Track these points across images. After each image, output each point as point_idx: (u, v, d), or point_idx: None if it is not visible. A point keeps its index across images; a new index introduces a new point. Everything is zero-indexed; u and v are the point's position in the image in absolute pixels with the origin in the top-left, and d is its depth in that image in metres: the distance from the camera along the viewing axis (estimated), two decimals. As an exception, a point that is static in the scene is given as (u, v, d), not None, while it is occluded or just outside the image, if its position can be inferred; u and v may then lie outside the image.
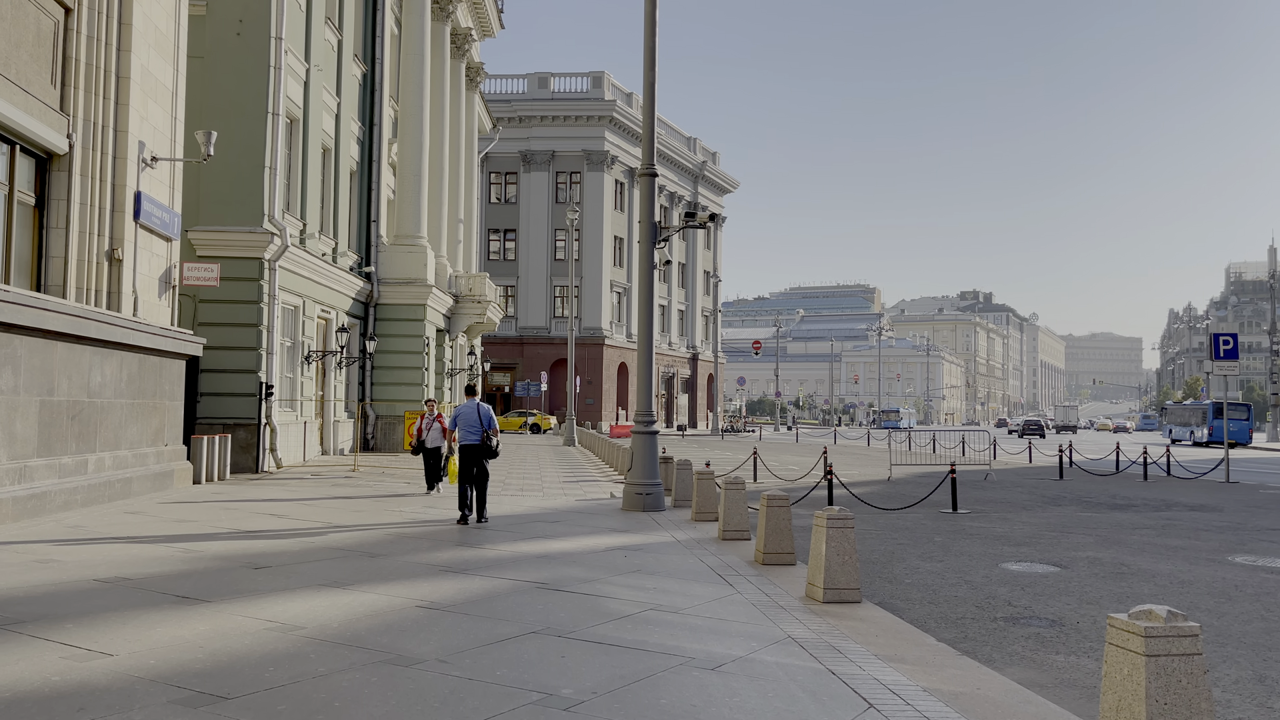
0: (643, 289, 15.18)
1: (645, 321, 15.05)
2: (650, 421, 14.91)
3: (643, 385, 14.99)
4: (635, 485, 14.81)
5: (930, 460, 29.15)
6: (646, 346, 15.00)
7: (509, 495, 17.80)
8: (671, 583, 8.89)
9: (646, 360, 14.96)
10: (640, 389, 15.00)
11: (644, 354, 15.00)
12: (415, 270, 30.62)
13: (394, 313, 30.57)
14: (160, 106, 16.60)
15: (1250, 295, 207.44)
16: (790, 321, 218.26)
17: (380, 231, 30.78)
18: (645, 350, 15.01)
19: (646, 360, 14.96)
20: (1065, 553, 12.30)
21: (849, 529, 8.20)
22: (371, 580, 8.55)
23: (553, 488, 19.98)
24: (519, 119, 67.20)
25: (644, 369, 14.99)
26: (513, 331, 66.92)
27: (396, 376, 30.41)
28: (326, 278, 26.20)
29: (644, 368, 14.99)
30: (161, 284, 16.82)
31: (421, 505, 15.21)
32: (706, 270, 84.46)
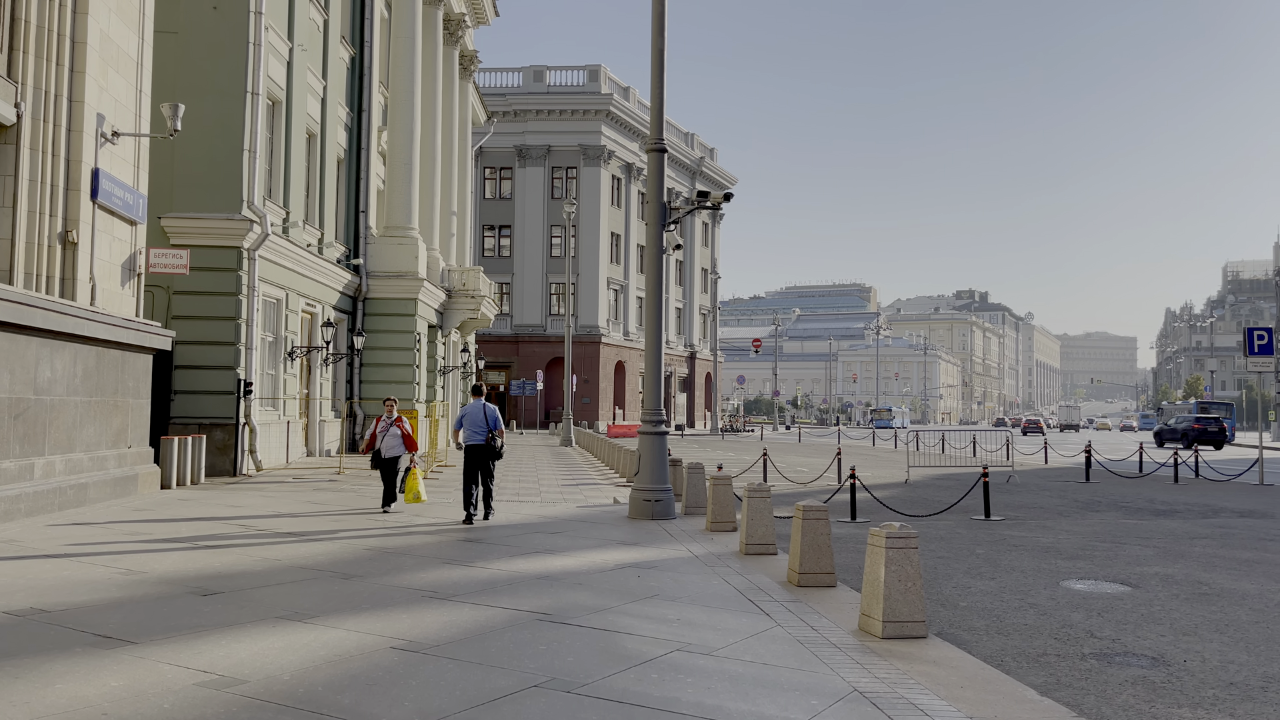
0: (650, 275, 13.82)
1: (653, 312, 13.70)
2: (659, 421, 13.55)
3: (651, 382, 13.62)
4: (643, 491, 13.45)
5: (944, 461, 27.83)
6: (655, 339, 13.64)
7: (504, 500, 16.46)
8: (697, 611, 7.53)
9: (655, 354, 13.60)
10: (648, 386, 13.63)
11: (652, 348, 13.64)
12: (406, 263, 29.22)
13: (383, 307, 29.18)
14: (123, 77, 15.19)
15: (1248, 294, 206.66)
16: (786, 321, 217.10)
17: (369, 222, 29.39)
18: (654, 343, 13.65)
19: (655, 354, 13.60)
20: (1128, 568, 10.97)
21: (912, 550, 6.84)
22: (340, 610, 7.18)
23: (551, 492, 18.62)
24: (514, 113, 65.77)
25: (652, 364, 13.63)
26: (508, 329, 65.50)
27: (386, 374, 29.02)
28: (311, 269, 24.81)
29: (652, 362, 13.63)
30: (124, 271, 15.41)
31: (410, 513, 13.83)
32: (704, 267, 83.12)
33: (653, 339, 13.65)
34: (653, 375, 13.59)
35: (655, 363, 13.58)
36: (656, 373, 13.57)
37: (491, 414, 12.79)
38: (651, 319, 13.66)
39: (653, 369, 13.60)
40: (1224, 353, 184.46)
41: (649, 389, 13.62)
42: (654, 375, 13.59)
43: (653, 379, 13.60)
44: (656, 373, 13.57)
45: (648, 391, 13.63)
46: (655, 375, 13.58)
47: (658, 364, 13.56)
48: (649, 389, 13.62)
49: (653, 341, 13.64)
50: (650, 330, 13.64)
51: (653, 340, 13.64)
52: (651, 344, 13.63)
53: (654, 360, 13.59)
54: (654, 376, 13.59)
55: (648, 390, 13.63)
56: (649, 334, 13.64)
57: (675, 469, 15.45)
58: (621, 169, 69.03)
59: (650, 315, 13.67)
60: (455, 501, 15.74)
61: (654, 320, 13.66)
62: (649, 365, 13.63)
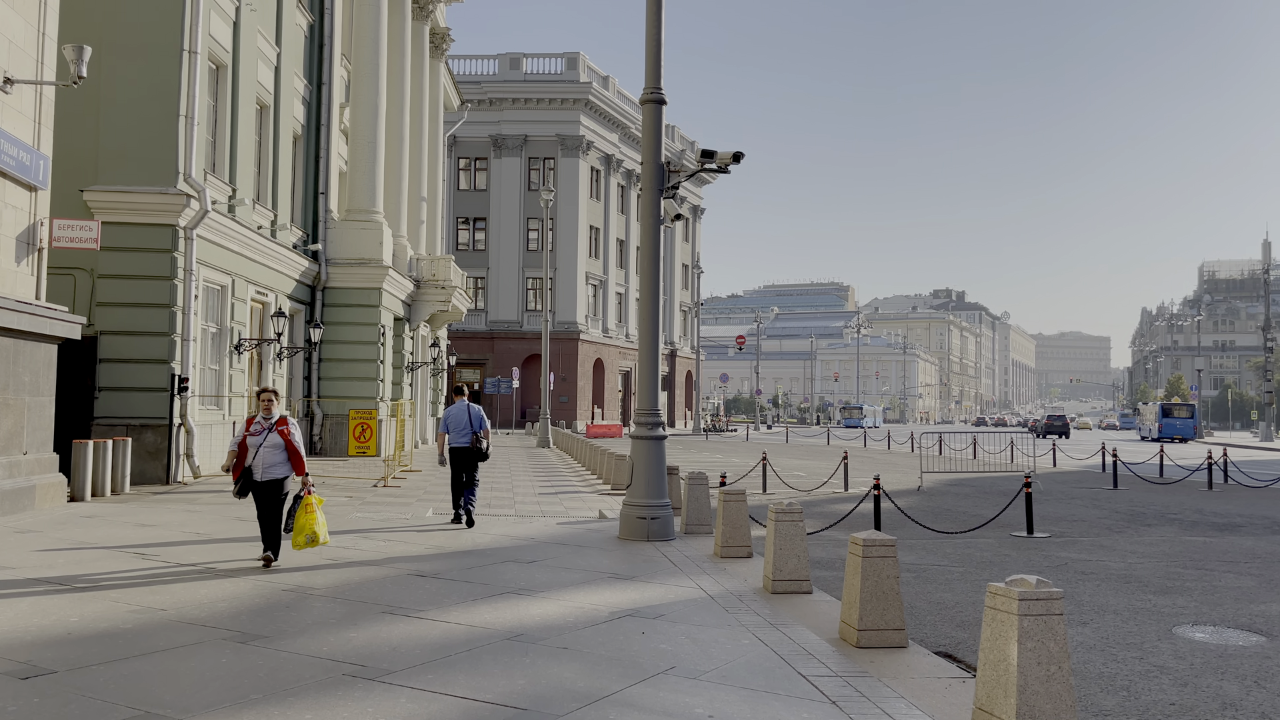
0: (646, 251, 11.61)
1: (649, 294, 11.49)
2: (656, 423, 11.34)
3: (646, 376, 11.42)
4: (637, 507, 11.24)
5: (955, 465, 25.77)
6: (650, 326, 11.44)
7: (476, 513, 14.26)
8: (735, 700, 5.31)
9: (651, 343, 11.40)
10: (643, 381, 11.42)
11: (647, 335, 11.44)
12: (369, 249, 26.85)
13: (344, 297, 26.79)
14: (19, 15, 12.81)
15: (1224, 294, 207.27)
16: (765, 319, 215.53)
17: (330, 205, 26.99)
18: (649, 330, 11.45)
19: (651, 343, 11.40)
20: (1239, 606, 8.88)
21: (1056, 616, 4.66)
22: (216, 706, 4.91)
23: (527, 502, 16.39)
24: (489, 101, 63.34)
25: (648, 354, 11.43)
26: (482, 325, 63.08)
27: (347, 370, 26.64)
28: (263, 253, 22.42)
29: (648, 353, 11.43)
30: (19, 245, 13.02)
31: (354, 538, 11.53)
32: (684, 263, 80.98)
33: (648, 325, 11.46)
34: (649, 368, 11.41)
35: (651, 353, 11.40)
36: (653, 365, 11.39)
37: (476, 415, 12.50)
38: (648, 302, 11.46)
39: (649, 360, 11.41)
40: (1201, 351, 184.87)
41: (645, 384, 11.41)
42: (650, 368, 11.41)
43: (649, 372, 11.41)
44: (653, 365, 11.39)
45: (643, 387, 11.42)
46: (651, 368, 11.40)
47: (653, 355, 11.39)
48: (645, 384, 11.41)
49: (648, 329, 11.45)
50: (646, 315, 11.45)
51: (648, 327, 11.45)
52: (647, 331, 11.44)
53: (649, 350, 11.41)
54: (650, 369, 11.41)
55: (643, 386, 11.42)
56: (644, 320, 11.44)
57: (672, 479, 13.25)
58: (601, 160, 66.76)
59: (646, 298, 11.47)
60: (407, 519, 13.49)
61: (650, 304, 11.46)
62: (644, 356, 11.43)
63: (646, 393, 11.40)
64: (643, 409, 11.39)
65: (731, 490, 10.45)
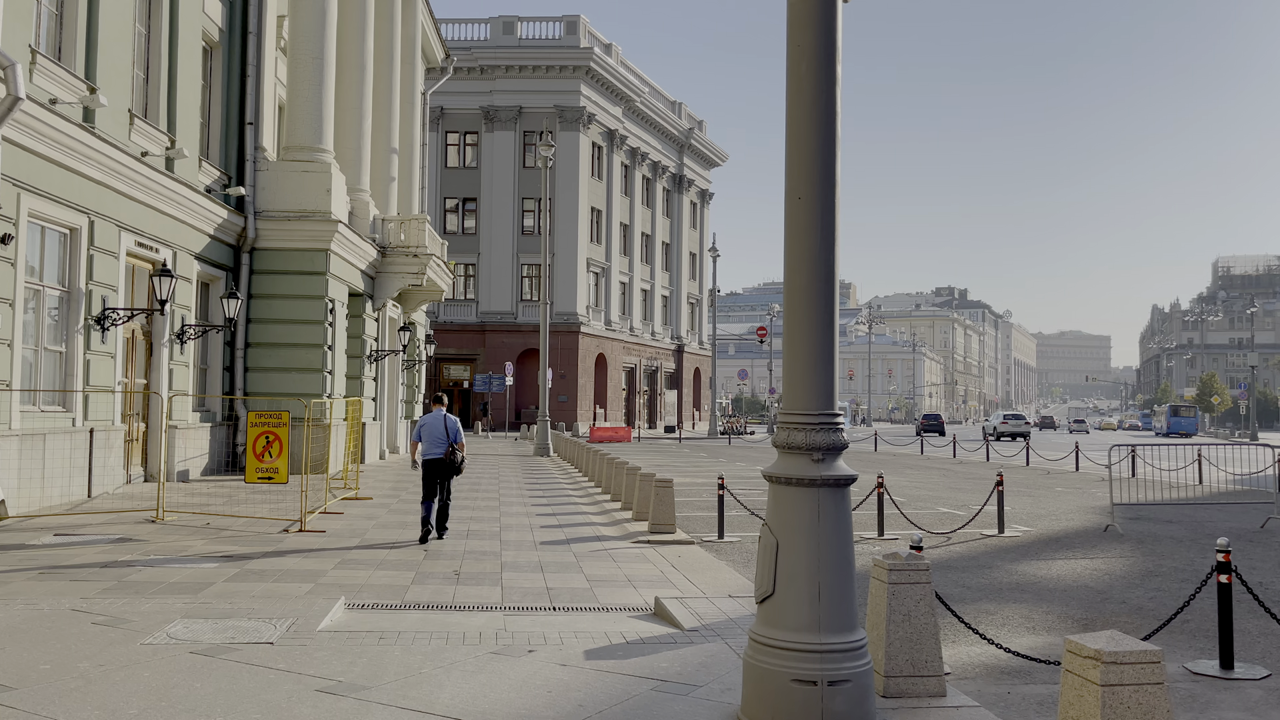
0: (812, 71, 4.95)
1: (821, 172, 4.86)
2: (828, 445, 4.73)
3: (813, 347, 4.80)
4: (794, 653, 4.63)
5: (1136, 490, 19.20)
6: (823, 246, 4.84)
7: (432, 584, 7.80)
8: None
9: (824, 279, 4.82)
10: (805, 361, 4.79)
11: (818, 263, 4.83)
12: (313, 199, 20.23)
13: (280, 261, 20.19)
14: None
15: (1239, 290, 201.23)
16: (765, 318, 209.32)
17: (262, 141, 20.39)
18: (821, 255, 4.84)
19: (824, 279, 4.82)
20: None
21: None
22: None
23: (523, 562, 9.88)
24: (480, 69, 56.76)
25: (818, 311, 4.83)
26: (473, 317, 56.52)
27: (284, 358, 20.06)
28: (149, 190, 15.86)
29: (818, 308, 4.83)
30: None
31: (182, 623, 4.95)
32: (692, 252, 74.48)
33: (819, 245, 4.82)
34: (819, 334, 4.79)
35: (824, 309, 4.80)
36: (827, 330, 4.80)
37: (452, 425, 11.83)
38: (817, 196, 4.84)
39: (819, 321, 4.80)
40: (1216, 350, 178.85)
41: (804, 358, 4.80)
42: (822, 334, 4.80)
43: (819, 340, 4.79)
44: (827, 330, 4.80)
45: (801, 365, 4.81)
46: (825, 336, 4.80)
47: (829, 311, 4.80)
48: (804, 358, 4.80)
49: (819, 252, 4.82)
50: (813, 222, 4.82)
51: (819, 249, 4.82)
52: (817, 260, 4.81)
53: (821, 301, 4.80)
54: (822, 336, 4.80)
55: (801, 361, 4.81)
56: (812, 235, 4.83)
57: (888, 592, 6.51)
58: (603, 136, 60.21)
59: (815, 186, 4.85)
60: (270, 641, 6.92)
61: (823, 202, 4.84)
62: (810, 315, 4.83)
63: (813, 379, 4.81)
64: (802, 407, 4.78)
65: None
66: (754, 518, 13.73)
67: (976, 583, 9.81)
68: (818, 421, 4.78)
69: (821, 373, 4.84)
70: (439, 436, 11.67)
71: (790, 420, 4.86)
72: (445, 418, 11.78)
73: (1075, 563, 11.11)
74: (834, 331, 4.89)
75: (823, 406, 4.81)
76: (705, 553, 11.28)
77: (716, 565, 10.36)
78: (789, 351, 4.91)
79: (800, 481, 4.73)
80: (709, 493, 19.21)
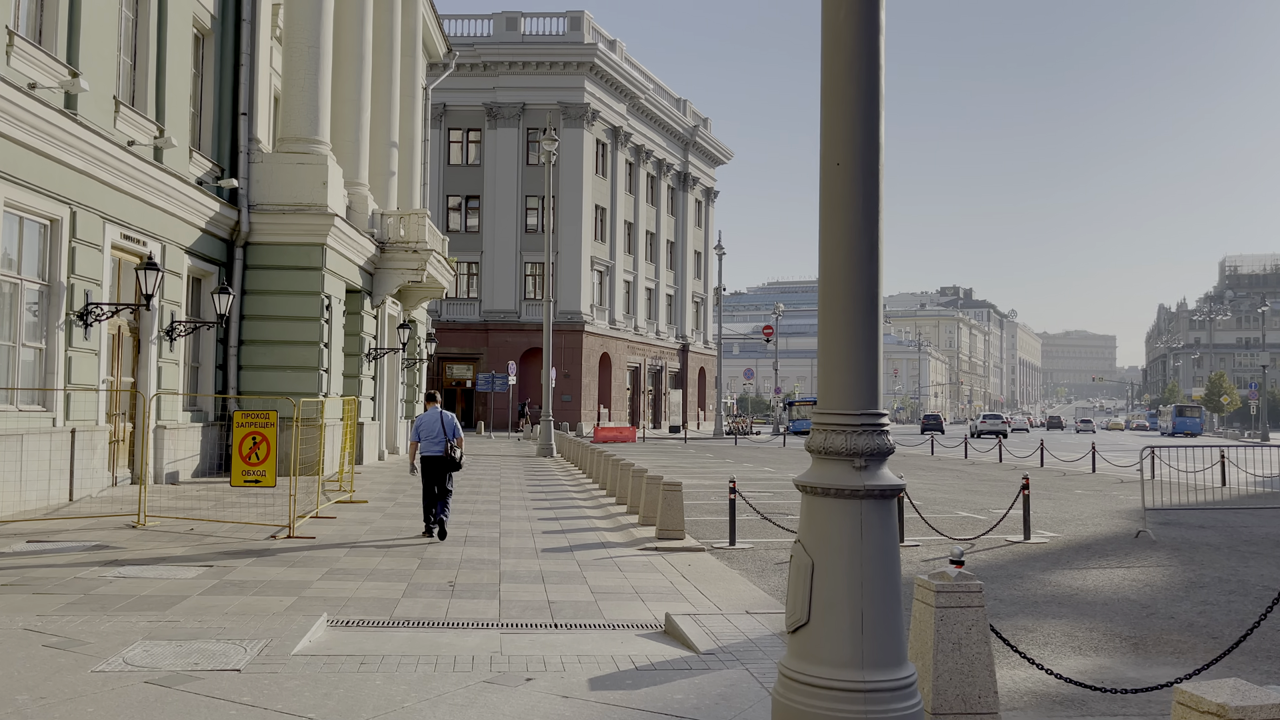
0: (852, 15, 4.31)
1: (863, 133, 4.20)
2: (873, 450, 4.09)
3: (854, 338, 4.14)
4: (830, 691, 3.96)
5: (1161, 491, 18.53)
6: (865, 220, 4.18)
7: (424, 597, 7.19)
8: None
9: (866, 257, 4.16)
10: (847, 354, 4.13)
11: (859, 239, 4.17)
12: (309, 192, 19.60)
13: (274, 256, 19.56)
14: None
15: (1246, 289, 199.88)
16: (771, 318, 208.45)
17: (256, 132, 19.77)
18: (863, 230, 4.18)
19: (866, 257, 4.16)
20: None
21: None
22: None
23: (524, 566, 9.26)
24: (483, 65, 56.10)
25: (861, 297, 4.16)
26: (476, 316, 55.90)
27: (279, 356, 19.43)
28: (135, 181, 15.24)
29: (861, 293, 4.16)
30: None
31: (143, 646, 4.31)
32: (697, 250, 73.79)
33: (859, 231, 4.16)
34: (860, 321, 4.13)
35: (867, 292, 4.13)
36: (870, 316, 4.14)
37: (449, 422, 11.80)
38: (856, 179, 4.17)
39: (861, 306, 4.13)
40: (1224, 349, 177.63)
41: (849, 358, 4.14)
42: (864, 322, 4.14)
43: (861, 328, 4.13)
44: (870, 316, 4.14)
45: (845, 367, 4.14)
46: (868, 323, 4.13)
47: (872, 295, 4.14)
48: (849, 358, 4.14)
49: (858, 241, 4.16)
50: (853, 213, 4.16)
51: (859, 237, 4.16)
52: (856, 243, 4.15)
53: (863, 283, 4.13)
54: (864, 323, 4.13)
55: (845, 363, 4.14)
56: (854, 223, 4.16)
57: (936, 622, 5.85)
58: (607, 133, 59.56)
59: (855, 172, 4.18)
60: (239, 667, 6.27)
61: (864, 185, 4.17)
62: (851, 299, 4.16)
63: (849, 370, 4.14)
64: (839, 405, 4.12)
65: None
66: (766, 523, 13.08)
67: (1009, 595, 9.15)
68: (860, 423, 4.12)
69: (863, 365, 4.18)
70: (436, 434, 11.68)
71: (827, 421, 4.20)
72: (441, 415, 11.81)
73: (1112, 572, 10.44)
74: (877, 318, 4.24)
75: (865, 404, 4.16)
76: (717, 561, 10.63)
77: (730, 575, 9.71)
78: (826, 342, 4.25)
79: (840, 492, 4.07)
80: (718, 496, 18.56)
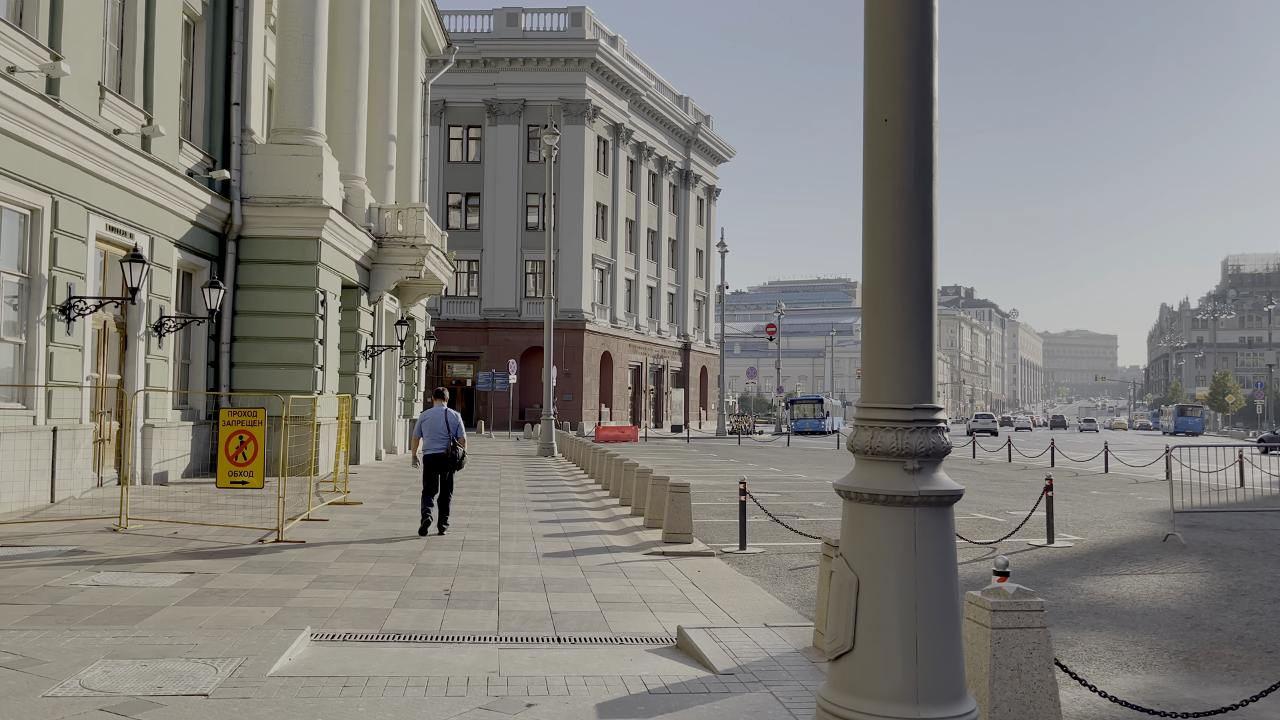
0: None
1: (915, 84, 3.66)
2: (926, 449, 3.56)
3: (903, 308, 3.60)
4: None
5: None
6: (918, 183, 3.64)
7: (418, 607, 6.66)
8: None
9: (920, 227, 3.62)
10: (898, 321, 3.60)
11: (910, 206, 3.64)
12: (303, 184, 19.04)
13: (268, 250, 19.00)
14: None
15: (1249, 288, 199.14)
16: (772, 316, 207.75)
17: (249, 123, 19.22)
18: (915, 195, 3.65)
19: (920, 227, 3.62)
20: None
21: None
22: None
23: (524, 573, 8.72)
24: (483, 61, 55.50)
25: (910, 256, 3.63)
26: (476, 314, 55.35)
27: (273, 353, 18.88)
28: (121, 170, 14.68)
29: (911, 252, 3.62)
30: None
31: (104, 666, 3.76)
32: (699, 249, 73.20)
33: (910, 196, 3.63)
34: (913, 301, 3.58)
35: (920, 268, 3.59)
36: (924, 296, 3.60)
37: (454, 420, 11.76)
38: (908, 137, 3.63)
39: (914, 284, 3.58)
40: (1227, 349, 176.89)
41: (900, 344, 3.59)
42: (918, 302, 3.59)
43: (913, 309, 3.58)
44: (924, 296, 3.60)
45: (895, 354, 3.59)
46: (921, 304, 3.59)
47: (926, 271, 3.60)
48: (900, 344, 3.59)
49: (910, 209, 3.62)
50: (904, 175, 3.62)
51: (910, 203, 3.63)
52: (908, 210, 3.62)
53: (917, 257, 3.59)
54: (918, 304, 3.59)
55: (896, 350, 3.59)
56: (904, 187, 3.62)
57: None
58: (609, 130, 59.01)
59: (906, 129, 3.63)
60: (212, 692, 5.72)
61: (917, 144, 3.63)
62: (901, 276, 3.61)
63: (900, 357, 3.59)
64: (888, 397, 3.57)
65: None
66: (776, 525, 12.54)
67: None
68: (913, 418, 3.57)
69: (916, 352, 3.63)
70: (440, 431, 11.65)
71: (874, 417, 3.64)
72: (446, 413, 11.76)
73: (1146, 579, 9.88)
74: (931, 299, 3.69)
75: (918, 396, 3.60)
76: (728, 566, 10.08)
77: (742, 583, 9.16)
78: (872, 327, 3.70)
79: (890, 499, 3.52)
80: (724, 496, 18.02)
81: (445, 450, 11.61)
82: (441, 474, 11.67)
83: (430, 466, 11.64)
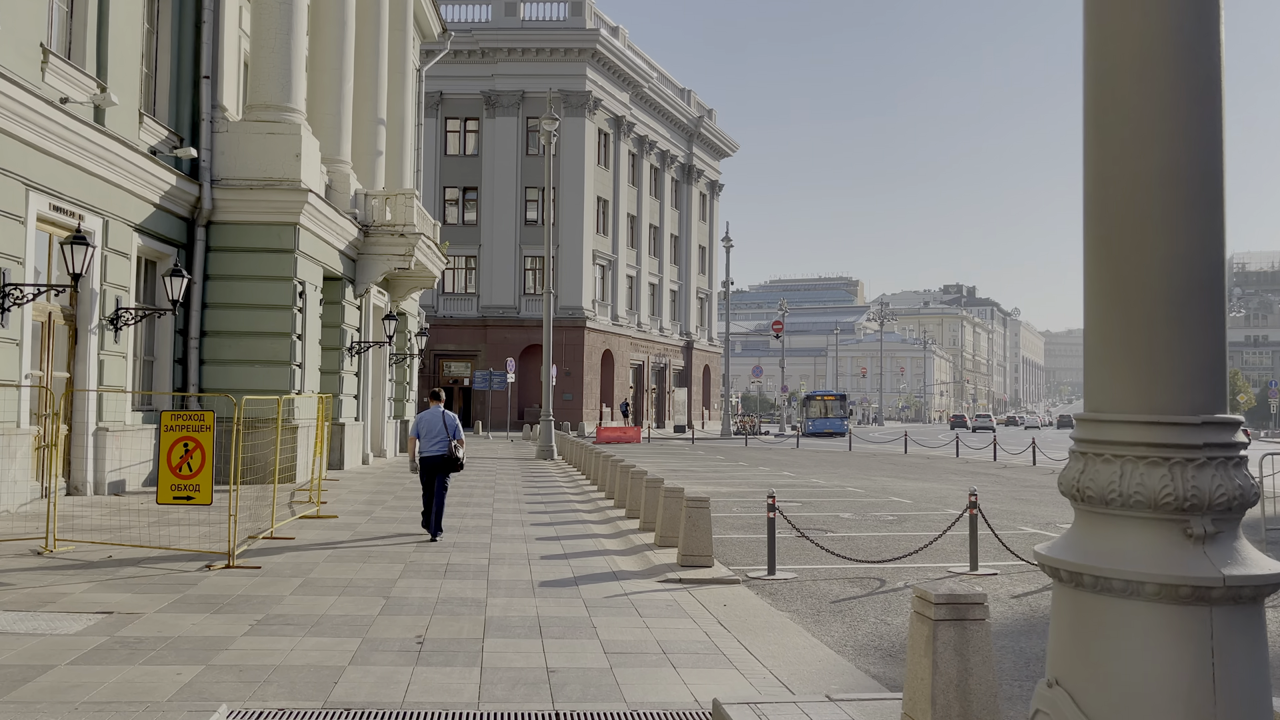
0: None
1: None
2: (1232, 505, 2.03)
3: (1179, 272, 2.05)
4: None
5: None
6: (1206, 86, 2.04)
7: (379, 664, 4.96)
8: None
9: (1208, 151, 2.05)
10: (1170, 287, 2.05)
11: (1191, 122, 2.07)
12: (279, 165, 17.43)
13: (241, 236, 17.40)
14: None
15: (1254, 287, 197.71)
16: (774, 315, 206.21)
17: (221, 99, 17.62)
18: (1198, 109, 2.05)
19: (1208, 151, 2.05)
20: None
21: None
22: None
23: (516, 609, 7.12)
24: (481, 51, 53.93)
25: (1190, 201, 2.07)
26: (474, 311, 53.75)
27: (246, 349, 17.27)
28: (68, 144, 13.09)
29: (1192, 191, 2.06)
30: None
31: None
32: (701, 245, 71.60)
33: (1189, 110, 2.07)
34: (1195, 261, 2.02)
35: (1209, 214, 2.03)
36: (1215, 254, 2.04)
37: (451, 422, 11.62)
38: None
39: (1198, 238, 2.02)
40: (1232, 347, 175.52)
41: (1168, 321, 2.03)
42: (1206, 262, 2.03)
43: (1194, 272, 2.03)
44: (1215, 254, 2.04)
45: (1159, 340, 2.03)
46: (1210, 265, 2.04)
47: (1216, 221, 2.04)
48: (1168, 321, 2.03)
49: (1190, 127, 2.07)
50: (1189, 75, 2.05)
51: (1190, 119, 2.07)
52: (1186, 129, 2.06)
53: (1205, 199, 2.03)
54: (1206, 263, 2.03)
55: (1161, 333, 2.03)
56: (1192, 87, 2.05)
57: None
58: (610, 123, 57.41)
59: None
60: None
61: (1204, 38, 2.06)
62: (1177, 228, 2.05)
63: (1169, 346, 2.01)
64: (1149, 405, 2.01)
65: None
66: (803, 541, 10.96)
67: None
68: (1200, 440, 1.97)
69: (1200, 337, 2.04)
70: (438, 433, 11.46)
71: (1120, 438, 2.04)
72: (444, 414, 11.58)
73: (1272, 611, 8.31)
74: (1222, 258, 2.10)
75: (1205, 404, 2.01)
76: (758, 599, 8.51)
77: (780, 622, 7.59)
78: (1113, 300, 2.11)
79: (1162, 592, 1.92)
80: (739, 505, 16.44)
81: (444, 452, 11.40)
82: (440, 476, 11.44)
83: (428, 469, 11.42)
